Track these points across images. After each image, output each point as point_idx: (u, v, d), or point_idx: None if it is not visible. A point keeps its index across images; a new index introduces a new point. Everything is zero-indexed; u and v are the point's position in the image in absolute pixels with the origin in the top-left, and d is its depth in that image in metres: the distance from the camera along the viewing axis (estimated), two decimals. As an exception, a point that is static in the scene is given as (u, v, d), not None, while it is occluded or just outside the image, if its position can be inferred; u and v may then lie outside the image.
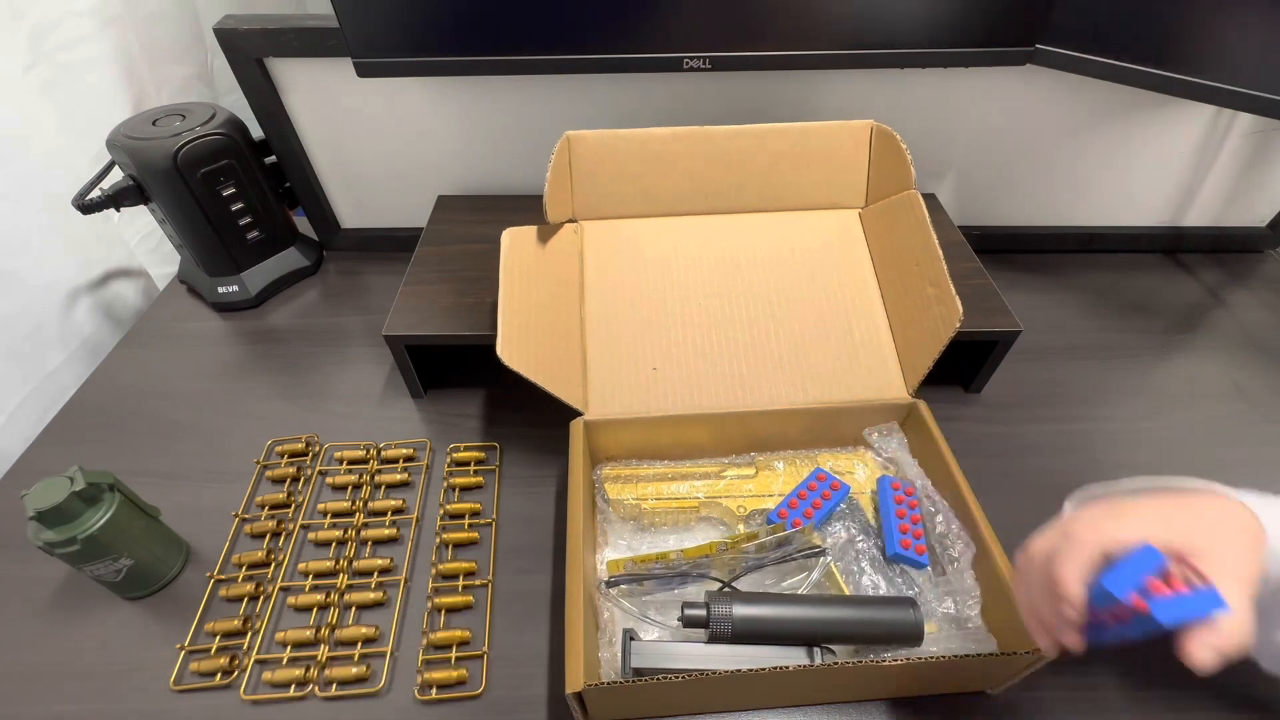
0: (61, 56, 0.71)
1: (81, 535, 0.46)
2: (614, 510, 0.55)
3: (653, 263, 0.63)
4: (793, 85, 0.73)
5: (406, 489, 0.61)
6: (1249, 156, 0.79)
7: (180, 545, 0.56)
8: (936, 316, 0.54)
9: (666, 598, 0.50)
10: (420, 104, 0.74)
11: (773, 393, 0.57)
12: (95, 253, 0.79)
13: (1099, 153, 0.79)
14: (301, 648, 0.50)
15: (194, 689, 0.48)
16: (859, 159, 0.64)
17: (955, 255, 0.62)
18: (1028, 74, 0.66)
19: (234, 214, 0.75)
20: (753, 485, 0.56)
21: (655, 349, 0.58)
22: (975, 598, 0.48)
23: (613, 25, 0.62)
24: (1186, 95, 0.61)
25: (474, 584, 0.54)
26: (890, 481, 0.55)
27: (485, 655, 0.50)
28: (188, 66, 0.89)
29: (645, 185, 0.63)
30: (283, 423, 0.66)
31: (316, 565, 0.54)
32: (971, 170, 0.81)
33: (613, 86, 0.72)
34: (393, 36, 0.62)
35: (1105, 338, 0.76)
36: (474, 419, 0.67)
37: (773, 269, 0.62)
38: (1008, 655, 0.41)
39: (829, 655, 0.45)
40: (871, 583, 0.50)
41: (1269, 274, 0.85)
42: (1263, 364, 0.73)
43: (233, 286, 0.78)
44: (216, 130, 0.70)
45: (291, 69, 0.71)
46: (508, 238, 0.56)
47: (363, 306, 0.79)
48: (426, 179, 0.81)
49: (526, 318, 0.54)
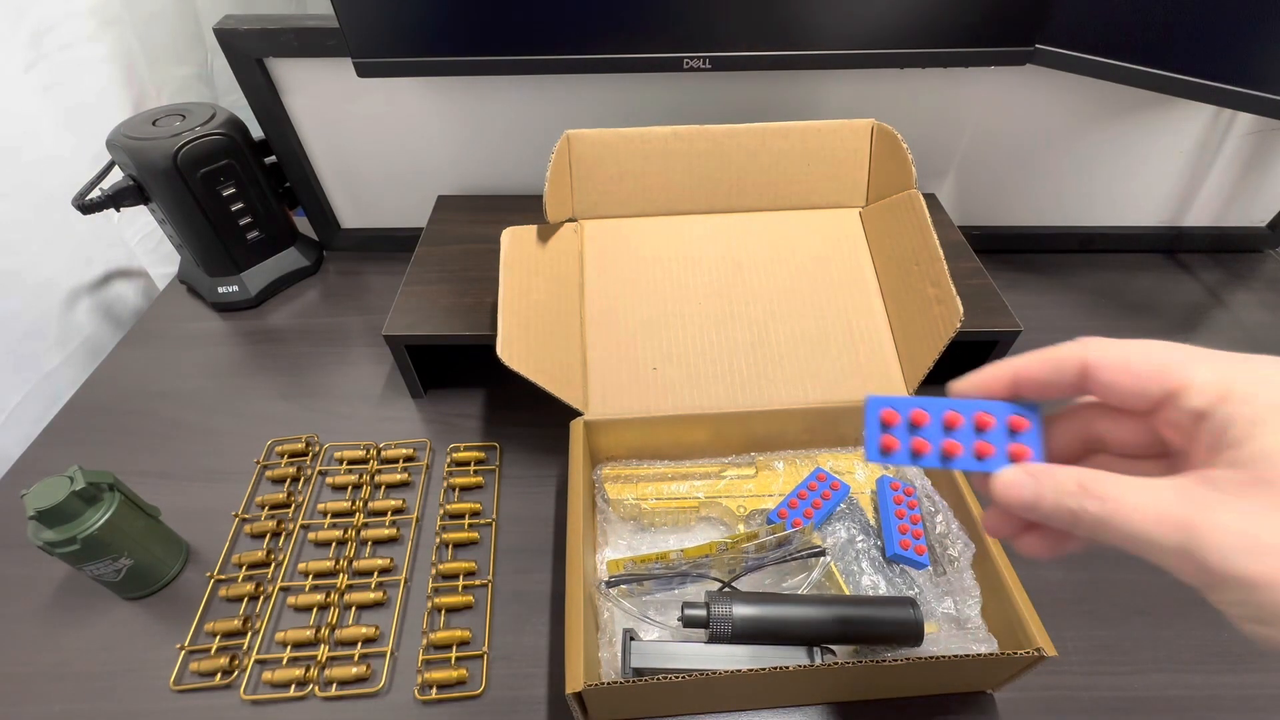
0: (61, 56, 0.71)
1: (81, 535, 0.46)
2: (614, 510, 0.55)
3: (653, 262, 0.63)
4: (793, 85, 0.73)
5: (406, 489, 0.61)
6: (1249, 156, 0.79)
7: (180, 545, 0.56)
8: (937, 316, 0.54)
9: (666, 598, 0.50)
10: (420, 104, 0.74)
11: (773, 393, 0.57)
12: (95, 252, 0.79)
13: (1099, 153, 0.79)
14: (301, 648, 0.50)
15: (194, 689, 0.48)
16: (860, 158, 0.64)
17: (955, 255, 0.62)
18: (1028, 74, 0.66)
19: (234, 214, 0.75)
20: (753, 485, 0.56)
21: (655, 349, 0.58)
22: (975, 598, 0.48)
23: (613, 25, 0.62)
24: (1186, 95, 0.61)
25: (474, 584, 0.54)
26: (890, 481, 0.55)
27: (485, 655, 0.50)
28: (188, 66, 0.89)
29: (645, 184, 0.63)
30: (283, 423, 0.66)
31: (316, 565, 0.54)
32: (971, 170, 0.81)
33: (613, 86, 0.72)
34: (393, 36, 0.62)
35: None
36: (474, 419, 0.67)
37: (773, 268, 0.62)
38: (1008, 655, 0.41)
39: (829, 655, 0.45)
40: (871, 583, 0.50)
41: (1269, 274, 0.85)
42: (1263, 364, 0.73)
43: (233, 286, 0.78)
44: (216, 130, 0.70)
45: (291, 69, 0.71)
46: (508, 237, 0.56)
47: (363, 306, 0.80)
48: (426, 179, 0.81)
49: (526, 317, 0.54)
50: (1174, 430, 0.24)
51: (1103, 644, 0.50)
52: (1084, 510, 0.23)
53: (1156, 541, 0.22)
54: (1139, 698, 0.48)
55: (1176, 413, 0.24)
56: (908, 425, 0.29)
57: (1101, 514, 0.23)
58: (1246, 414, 0.22)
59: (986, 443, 0.28)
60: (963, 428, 0.29)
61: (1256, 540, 0.20)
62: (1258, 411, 0.22)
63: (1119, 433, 0.27)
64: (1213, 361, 0.23)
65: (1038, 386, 0.27)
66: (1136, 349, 0.25)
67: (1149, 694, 0.48)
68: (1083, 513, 0.23)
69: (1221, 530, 0.21)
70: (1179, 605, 0.52)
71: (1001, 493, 0.26)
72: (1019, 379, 0.28)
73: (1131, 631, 0.51)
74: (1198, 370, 0.23)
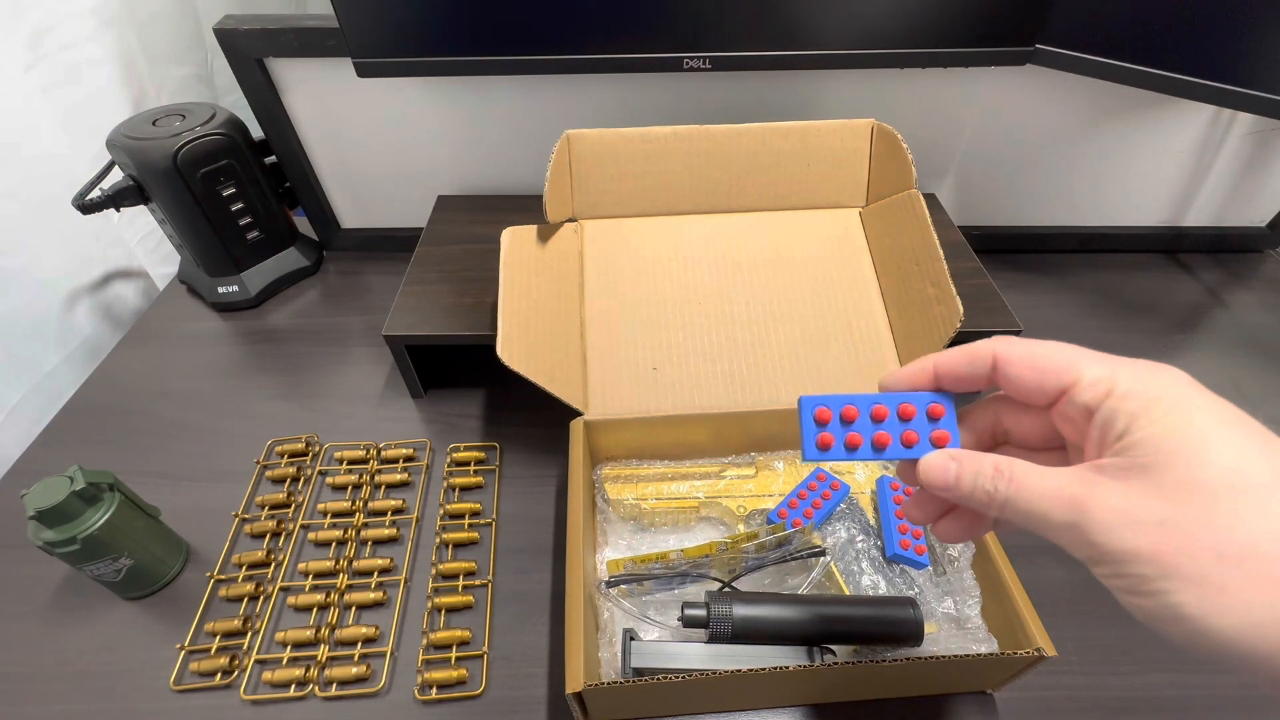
0: (61, 56, 0.71)
1: (81, 535, 0.46)
2: (614, 510, 0.55)
3: (653, 262, 0.63)
4: (793, 85, 0.73)
5: (406, 489, 0.61)
6: (1249, 156, 0.79)
7: (180, 545, 0.56)
8: (937, 316, 0.54)
9: (666, 598, 0.50)
10: (420, 104, 0.74)
11: (773, 393, 0.57)
12: (95, 253, 0.79)
13: (1099, 153, 0.79)
14: (301, 648, 0.50)
15: (194, 689, 0.48)
16: (860, 158, 0.64)
17: (955, 255, 0.62)
18: (1028, 74, 0.66)
19: (234, 214, 0.75)
20: (753, 485, 0.56)
21: (655, 349, 0.58)
22: (975, 598, 0.48)
23: (613, 25, 0.62)
24: (1186, 95, 0.61)
25: (474, 584, 0.54)
26: (890, 481, 0.55)
27: (485, 655, 0.50)
28: (188, 66, 0.89)
29: (645, 184, 0.63)
30: (283, 423, 0.66)
31: (316, 565, 0.54)
32: (971, 170, 0.81)
33: (613, 86, 0.72)
34: (393, 36, 0.62)
35: (1105, 338, 0.76)
36: (474, 419, 0.67)
37: (773, 268, 0.62)
38: (1008, 655, 0.41)
39: (829, 655, 0.45)
40: (871, 583, 0.50)
41: (1269, 274, 0.85)
42: (1263, 364, 0.73)
43: (233, 286, 0.78)
44: (216, 130, 0.70)
45: (291, 69, 0.71)
46: (508, 237, 0.56)
47: (363, 306, 0.80)
48: (426, 179, 0.81)
49: (526, 317, 0.54)
50: (1068, 424, 0.27)
51: (1103, 644, 0.50)
52: (996, 491, 0.26)
53: (1051, 519, 0.24)
54: (1139, 698, 0.48)
55: (1070, 407, 0.26)
56: (839, 421, 0.31)
57: (1009, 494, 0.26)
58: (1128, 408, 0.24)
59: (912, 431, 0.30)
60: (889, 419, 0.31)
61: (1133, 516, 0.23)
62: (1138, 405, 0.24)
63: (1022, 426, 0.30)
64: (1102, 362, 0.26)
65: (955, 379, 0.30)
66: (1041, 348, 0.28)
67: (1149, 694, 0.48)
68: (995, 493, 0.26)
69: (1105, 508, 0.23)
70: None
71: (927, 475, 0.29)
72: (940, 371, 0.30)
73: (1131, 631, 0.51)
74: (1088, 368, 0.26)
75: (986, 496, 0.26)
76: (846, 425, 0.31)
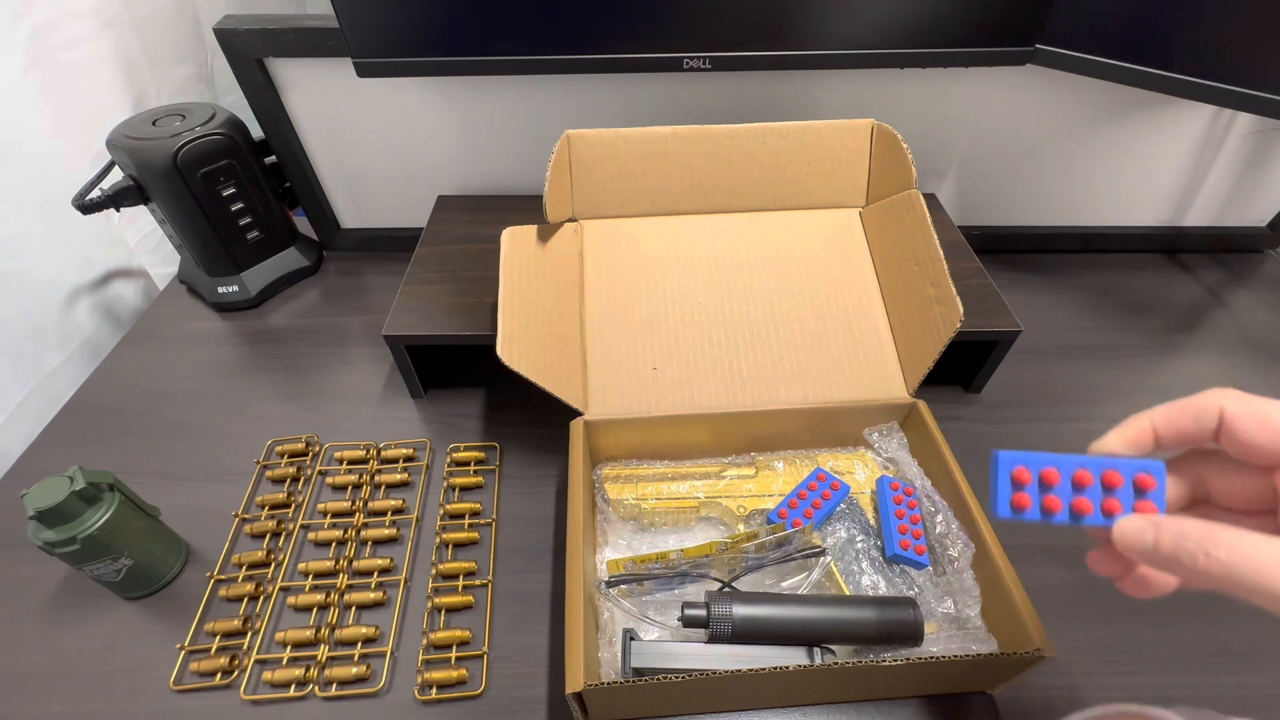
0: (61, 57, 0.71)
1: (81, 535, 0.46)
2: (614, 510, 0.55)
3: (653, 262, 0.63)
4: (793, 85, 0.73)
5: (406, 489, 0.61)
6: (1249, 156, 0.79)
7: (180, 545, 0.56)
8: (937, 316, 0.54)
9: (666, 598, 0.50)
10: (420, 104, 0.74)
11: (773, 393, 0.57)
12: (95, 253, 0.79)
13: (1099, 153, 0.79)
14: (301, 648, 0.50)
15: (194, 689, 0.48)
16: (860, 158, 0.64)
17: (955, 255, 0.62)
18: (1028, 74, 0.66)
19: (234, 214, 0.75)
20: (753, 485, 0.56)
21: (655, 349, 0.58)
22: (975, 598, 0.48)
23: (613, 25, 0.62)
24: (1186, 95, 0.61)
25: (474, 584, 0.54)
26: (890, 481, 0.55)
27: (485, 655, 0.50)
28: (188, 66, 0.89)
29: (645, 184, 0.63)
30: (283, 423, 0.66)
31: (316, 565, 0.54)
32: (971, 170, 0.81)
33: (613, 86, 0.72)
34: (393, 36, 0.62)
35: (1105, 338, 0.76)
36: (474, 419, 0.67)
37: (773, 268, 0.62)
38: (1008, 655, 0.41)
39: (829, 655, 0.45)
40: (871, 583, 0.50)
41: (1269, 274, 0.85)
42: (1263, 364, 0.73)
43: (233, 286, 0.78)
44: (216, 130, 0.70)
45: (291, 69, 0.71)
46: (508, 237, 0.56)
47: (363, 306, 0.80)
48: (426, 179, 0.81)
49: (526, 317, 0.54)
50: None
51: (1103, 644, 0.50)
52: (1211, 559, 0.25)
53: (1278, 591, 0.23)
54: (1139, 698, 0.48)
55: None
56: (1039, 484, 0.30)
57: (1229, 563, 0.24)
58: None
59: (1115, 500, 0.29)
60: (1092, 486, 0.29)
61: None
62: None
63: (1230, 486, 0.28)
64: None
65: (1179, 438, 0.28)
66: (1273, 407, 0.26)
67: (1149, 694, 0.48)
68: (1209, 562, 0.25)
69: None
70: (1179, 605, 0.51)
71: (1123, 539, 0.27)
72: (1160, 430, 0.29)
73: (1131, 631, 0.51)
74: None
75: (1193, 563, 0.25)
76: (1046, 489, 0.30)
